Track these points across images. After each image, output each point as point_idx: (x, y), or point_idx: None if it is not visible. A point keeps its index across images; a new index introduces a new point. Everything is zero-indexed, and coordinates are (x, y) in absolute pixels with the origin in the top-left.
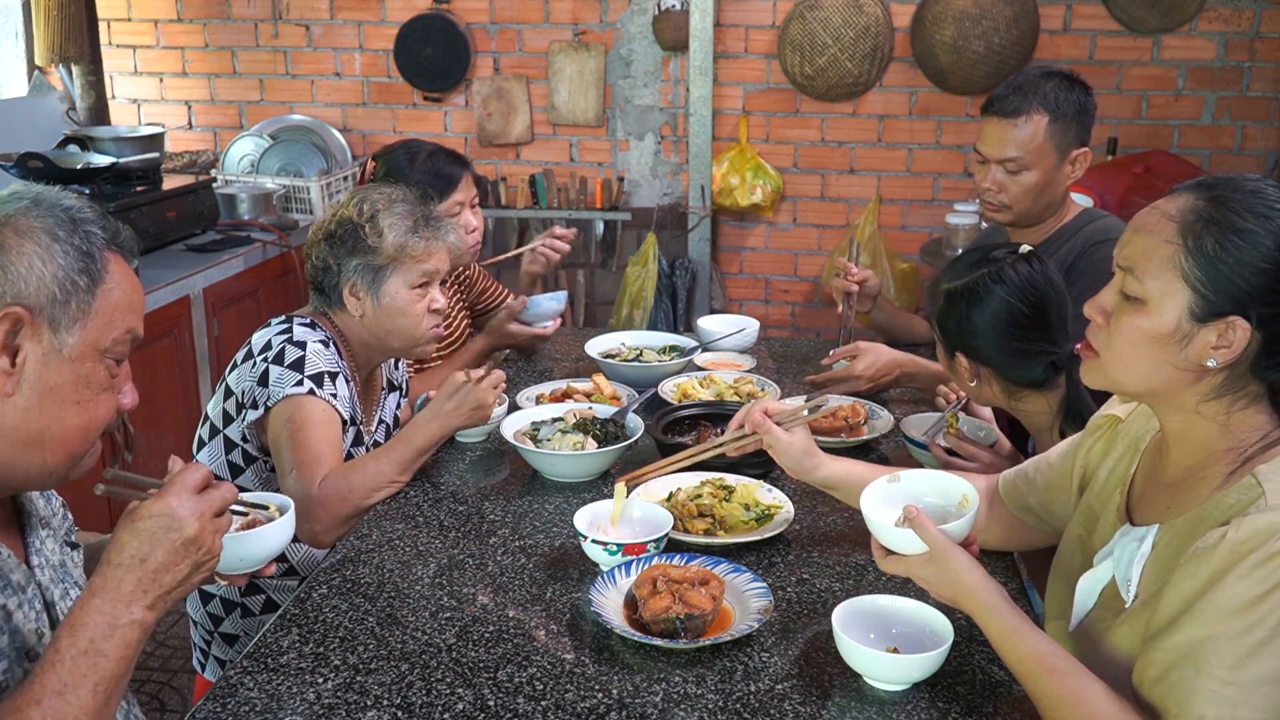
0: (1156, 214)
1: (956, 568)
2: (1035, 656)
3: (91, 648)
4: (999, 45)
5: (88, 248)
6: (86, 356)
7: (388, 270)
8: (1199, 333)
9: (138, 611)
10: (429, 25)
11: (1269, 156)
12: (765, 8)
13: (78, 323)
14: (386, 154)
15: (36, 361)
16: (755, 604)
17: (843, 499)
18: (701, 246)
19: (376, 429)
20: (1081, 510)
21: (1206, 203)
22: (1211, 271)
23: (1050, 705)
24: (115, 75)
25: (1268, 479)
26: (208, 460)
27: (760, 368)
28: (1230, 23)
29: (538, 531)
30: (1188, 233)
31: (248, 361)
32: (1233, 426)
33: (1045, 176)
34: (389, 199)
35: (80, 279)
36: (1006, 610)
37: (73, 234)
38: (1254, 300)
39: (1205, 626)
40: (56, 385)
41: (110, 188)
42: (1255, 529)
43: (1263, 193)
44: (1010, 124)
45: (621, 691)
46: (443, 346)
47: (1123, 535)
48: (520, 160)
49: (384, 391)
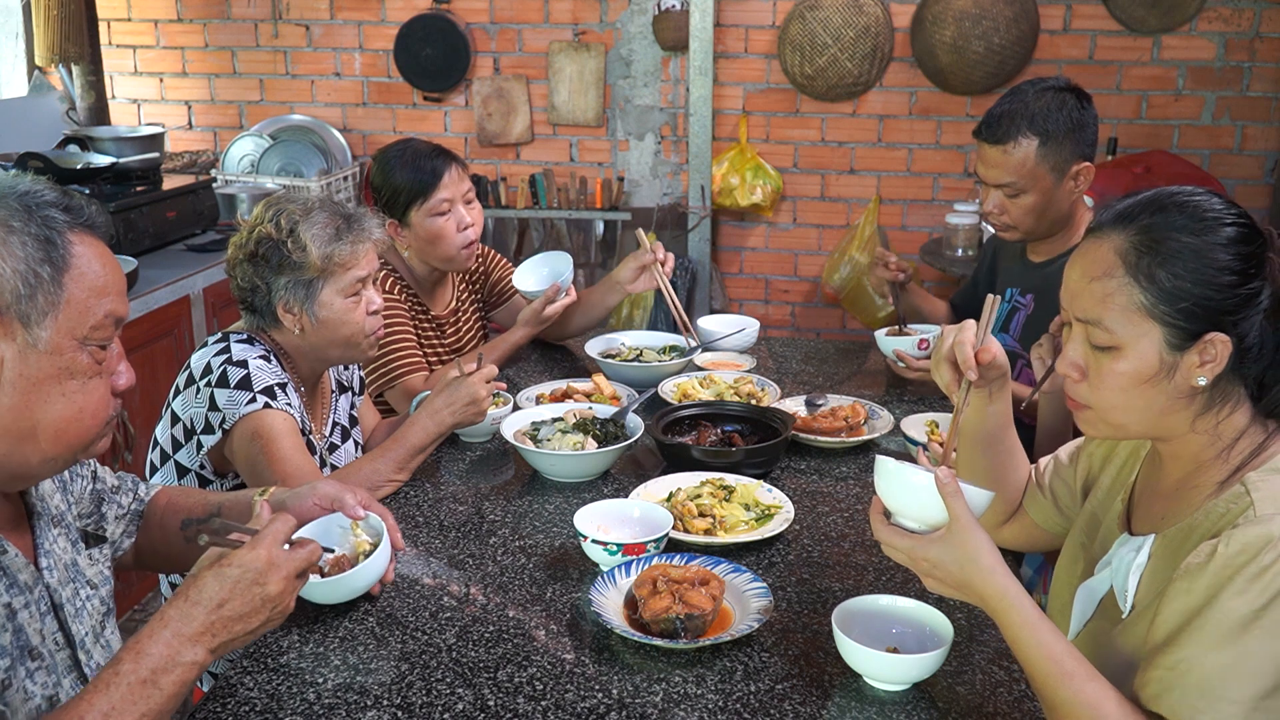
0: (1094, 259)
1: (978, 547)
2: (1051, 656)
3: (150, 678)
4: (999, 45)
5: (46, 234)
6: (65, 347)
7: (319, 283)
8: (1182, 359)
9: (200, 653)
10: (429, 25)
11: (1269, 156)
12: (765, 8)
13: (48, 314)
14: (380, 155)
15: (14, 360)
16: (755, 604)
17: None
18: (701, 246)
19: (331, 432)
20: (1085, 516)
21: (1140, 235)
22: (1175, 301)
23: (1059, 706)
24: (115, 75)
25: (1256, 488)
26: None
27: (760, 368)
28: (1230, 23)
29: (538, 531)
30: (1138, 271)
31: (190, 387)
32: (1221, 433)
33: (1044, 197)
34: (305, 209)
35: (43, 269)
36: (1025, 602)
37: (29, 222)
38: (1223, 312)
39: (1204, 645)
40: (38, 380)
41: (110, 188)
42: (1245, 542)
43: (1188, 204)
44: (1000, 150)
45: (621, 691)
46: (452, 348)
47: (1121, 545)
48: (520, 160)
49: (333, 395)
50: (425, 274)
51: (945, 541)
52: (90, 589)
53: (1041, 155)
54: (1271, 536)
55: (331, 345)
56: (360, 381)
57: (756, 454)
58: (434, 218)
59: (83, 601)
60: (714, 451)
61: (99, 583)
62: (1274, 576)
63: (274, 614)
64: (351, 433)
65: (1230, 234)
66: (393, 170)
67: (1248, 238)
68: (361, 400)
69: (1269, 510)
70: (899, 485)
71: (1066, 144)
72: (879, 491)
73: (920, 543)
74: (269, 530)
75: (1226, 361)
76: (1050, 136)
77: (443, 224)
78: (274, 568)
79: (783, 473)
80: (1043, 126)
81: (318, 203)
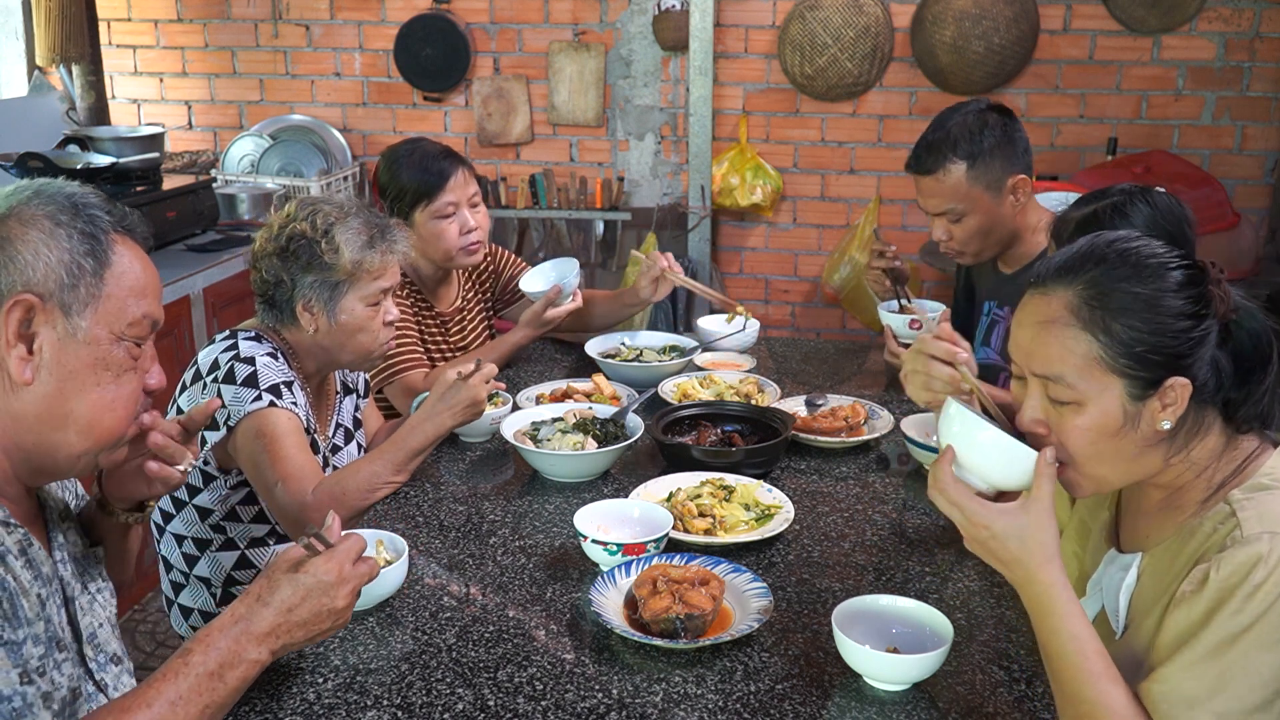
0: (1044, 315)
1: (1050, 534)
2: (1083, 653)
3: (218, 671)
4: (999, 45)
5: (91, 230)
6: (102, 339)
7: (344, 286)
8: (1144, 408)
9: (264, 653)
10: (429, 25)
11: (1269, 156)
12: (765, 8)
13: (89, 306)
14: (388, 153)
15: (52, 346)
16: (755, 604)
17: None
18: (701, 246)
19: (334, 433)
20: (1076, 525)
21: (1087, 288)
22: (1133, 352)
23: (1080, 703)
24: (115, 75)
25: (1242, 506)
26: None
27: (760, 368)
28: (1230, 23)
29: (538, 531)
30: (1093, 325)
31: (197, 383)
32: (1195, 460)
33: (987, 216)
34: (341, 211)
35: (86, 261)
36: (1070, 595)
37: (75, 218)
38: (1179, 356)
39: (1201, 662)
40: (75, 369)
41: (110, 188)
42: (1235, 564)
43: (1129, 252)
44: (933, 179)
45: (621, 691)
46: (457, 345)
47: (1109, 563)
48: (520, 160)
49: (338, 396)
50: (430, 271)
51: (1019, 518)
52: (103, 580)
53: (973, 177)
54: (1260, 555)
55: (344, 349)
56: (365, 384)
57: (756, 454)
58: (438, 220)
59: (91, 596)
60: (714, 451)
61: (106, 579)
62: (1266, 594)
63: (333, 626)
64: (355, 435)
65: (1178, 278)
66: (400, 169)
67: (1194, 279)
68: (366, 403)
69: (1255, 529)
70: (987, 442)
71: (995, 161)
72: (953, 439)
73: (989, 509)
74: (345, 546)
75: (1186, 403)
76: (977, 157)
77: (445, 226)
78: (344, 582)
79: (783, 473)
80: (968, 149)
81: (354, 208)
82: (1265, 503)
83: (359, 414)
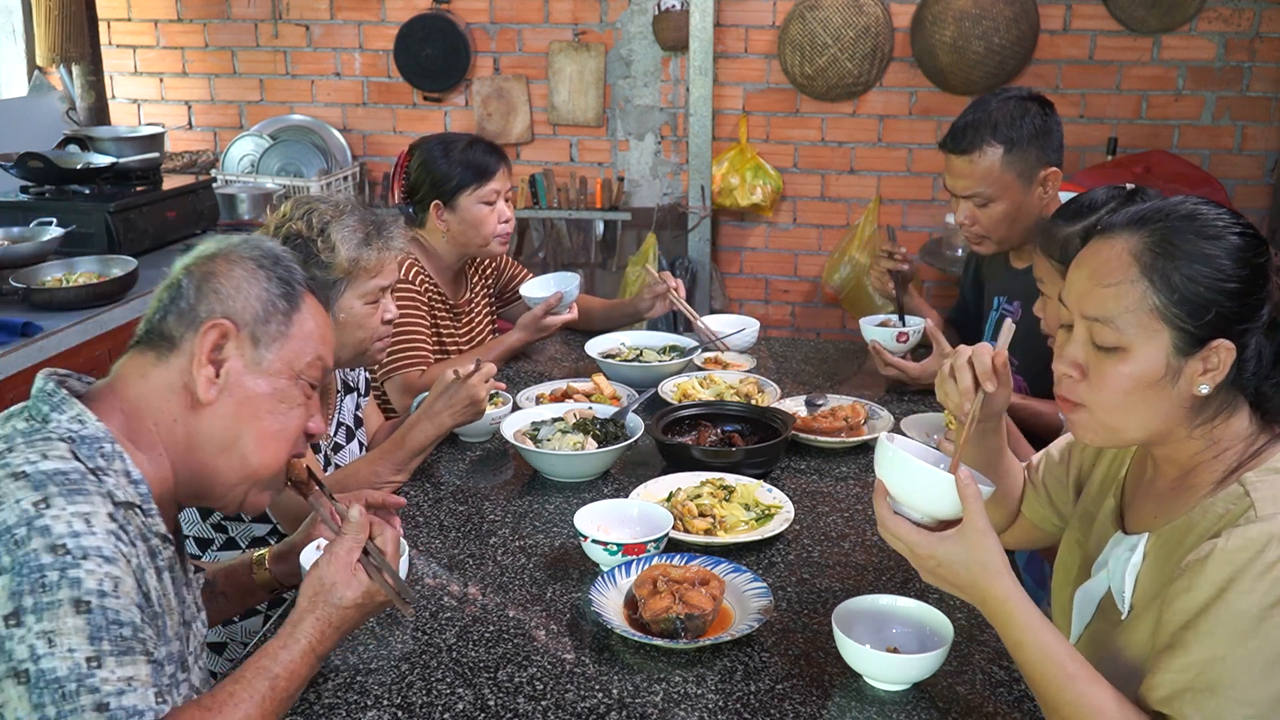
0: (1105, 258)
1: (990, 552)
2: (1053, 659)
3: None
4: (999, 45)
5: (288, 278)
6: (283, 373)
7: (341, 284)
8: (1186, 365)
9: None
10: (429, 25)
11: (1269, 156)
12: (765, 8)
13: (276, 341)
14: (422, 144)
15: (237, 373)
16: (755, 604)
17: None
18: (701, 246)
19: (336, 432)
20: (1079, 515)
21: (1154, 237)
22: (1187, 305)
23: (1061, 709)
24: (115, 75)
25: (1256, 488)
26: None
27: (760, 368)
28: (1230, 23)
29: (538, 531)
30: (1153, 271)
31: None
32: (1218, 438)
33: (1014, 204)
34: (337, 210)
35: (280, 303)
36: (1027, 606)
37: (275, 266)
38: (1231, 320)
39: (1216, 647)
40: (253, 395)
41: (110, 188)
42: (1246, 539)
43: (1197, 214)
44: (966, 160)
45: (621, 691)
46: (465, 339)
47: (1115, 544)
48: (520, 160)
49: (339, 395)
50: (452, 261)
51: (957, 543)
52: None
53: (1007, 163)
54: (1274, 534)
55: (343, 348)
56: (366, 383)
57: (756, 454)
58: (482, 205)
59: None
60: (714, 451)
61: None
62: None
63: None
64: (356, 433)
65: (1239, 244)
66: (452, 153)
67: (1256, 249)
68: (366, 401)
69: (1270, 510)
70: (909, 475)
71: (1031, 150)
72: (883, 476)
73: (929, 540)
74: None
75: (1228, 371)
76: (1015, 144)
77: (488, 212)
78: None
79: (783, 473)
80: (1006, 134)
81: (349, 206)
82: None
83: (360, 413)
